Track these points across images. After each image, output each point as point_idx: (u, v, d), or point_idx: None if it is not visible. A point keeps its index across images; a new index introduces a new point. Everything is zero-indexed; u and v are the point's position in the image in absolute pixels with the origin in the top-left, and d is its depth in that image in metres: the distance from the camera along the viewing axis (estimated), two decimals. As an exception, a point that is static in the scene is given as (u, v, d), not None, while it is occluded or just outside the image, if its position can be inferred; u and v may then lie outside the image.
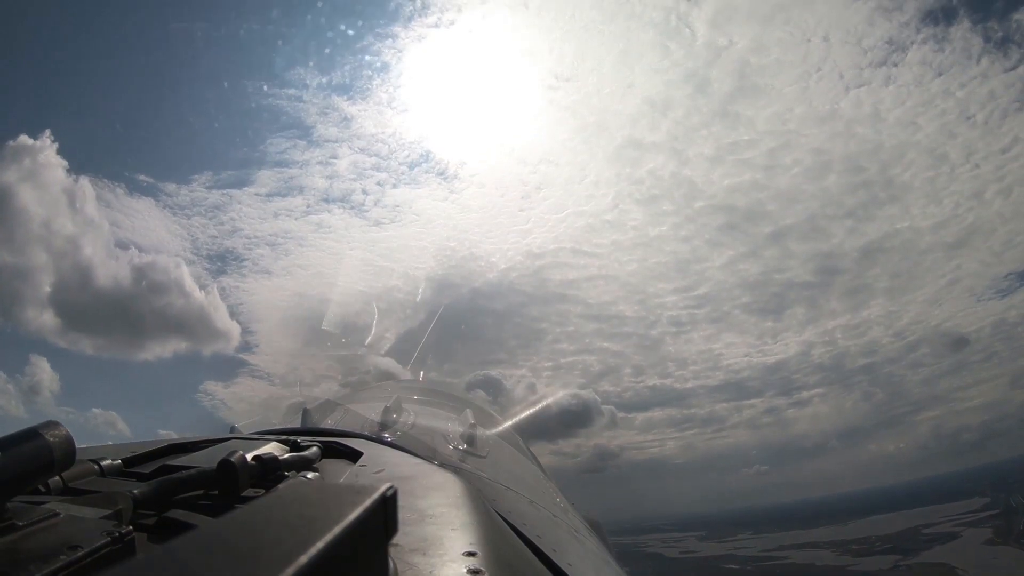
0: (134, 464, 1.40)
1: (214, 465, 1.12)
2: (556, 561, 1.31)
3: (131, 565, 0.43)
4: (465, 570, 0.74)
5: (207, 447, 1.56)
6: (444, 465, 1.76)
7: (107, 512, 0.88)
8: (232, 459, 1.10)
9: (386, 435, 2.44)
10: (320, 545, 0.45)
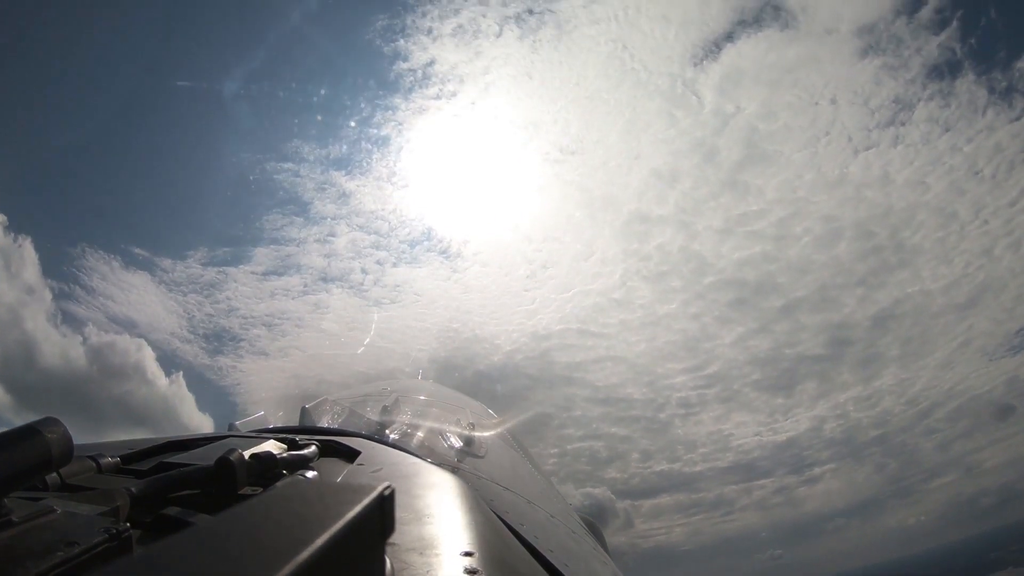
0: (132, 461, 1.39)
1: (212, 463, 1.12)
2: (553, 561, 1.31)
3: (128, 562, 0.43)
4: (462, 570, 0.74)
5: (205, 445, 1.56)
6: (442, 465, 1.76)
7: (104, 509, 0.88)
8: (230, 457, 1.10)
9: (384, 434, 2.44)
10: (317, 544, 0.45)
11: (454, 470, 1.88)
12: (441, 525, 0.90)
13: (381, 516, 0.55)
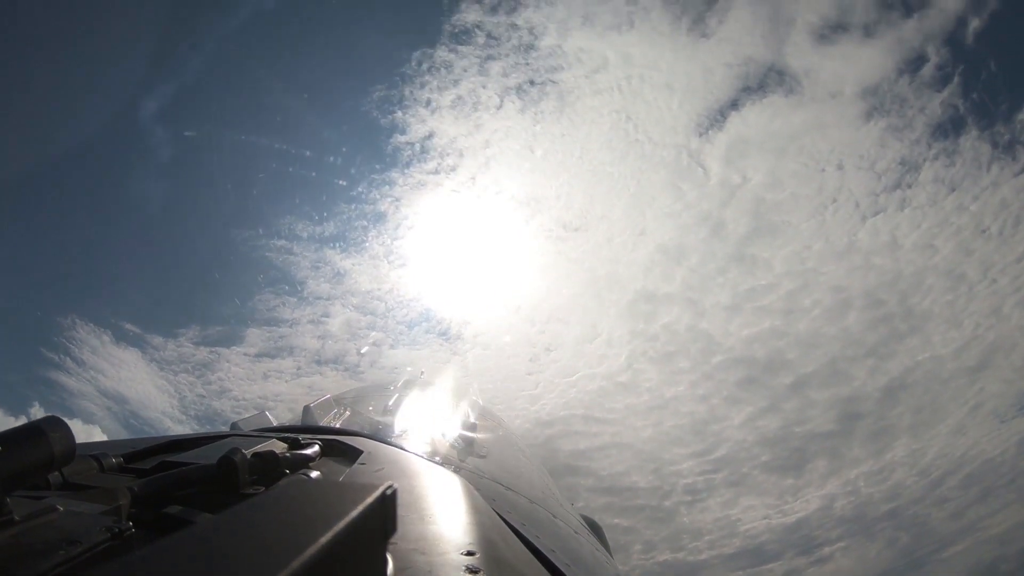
0: (134, 460, 1.40)
1: (214, 462, 1.12)
2: (554, 561, 1.31)
3: (130, 561, 0.43)
4: (464, 569, 0.73)
5: (207, 444, 1.56)
6: (444, 465, 1.76)
7: (107, 508, 0.88)
8: (232, 456, 1.10)
9: (386, 434, 2.44)
10: (319, 543, 0.44)
11: (456, 470, 1.88)
12: (443, 525, 0.90)
13: (383, 516, 0.55)
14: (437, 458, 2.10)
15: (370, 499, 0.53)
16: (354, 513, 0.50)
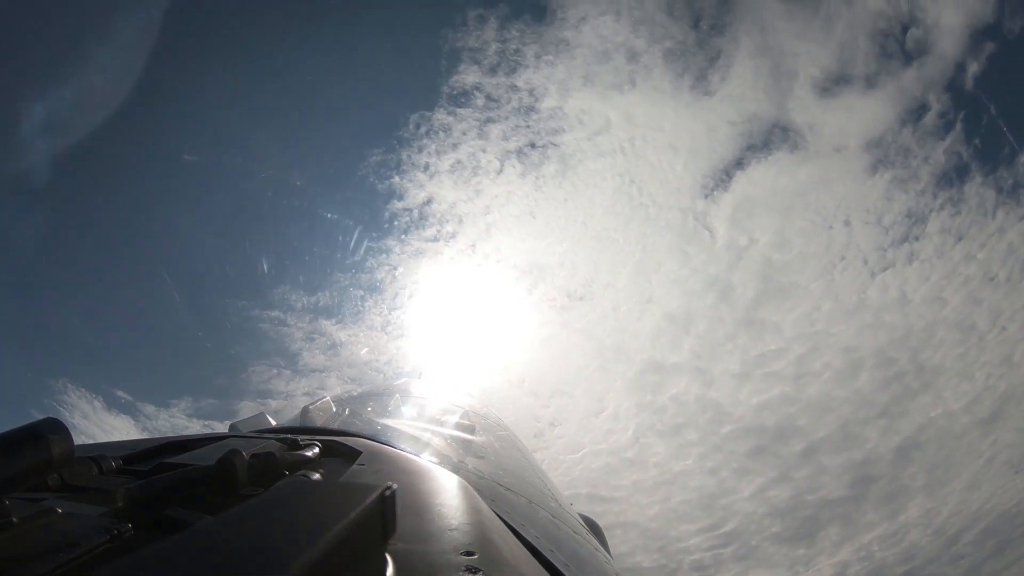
0: (133, 462, 1.39)
1: (213, 463, 1.11)
2: (554, 562, 1.31)
3: (129, 563, 0.43)
4: (463, 569, 0.73)
5: (206, 445, 1.56)
6: (443, 465, 1.76)
7: (105, 510, 0.88)
8: (231, 457, 1.10)
9: (386, 435, 2.43)
10: (318, 543, 0.45)
11: (455, 470, 1.88)
12: (442, 525, 0.90)
13: (382, 516, 0.55)
14: (436, 459, 2.10)
15: (369, 500, 0.53)
16: (353, 514, 0.50)
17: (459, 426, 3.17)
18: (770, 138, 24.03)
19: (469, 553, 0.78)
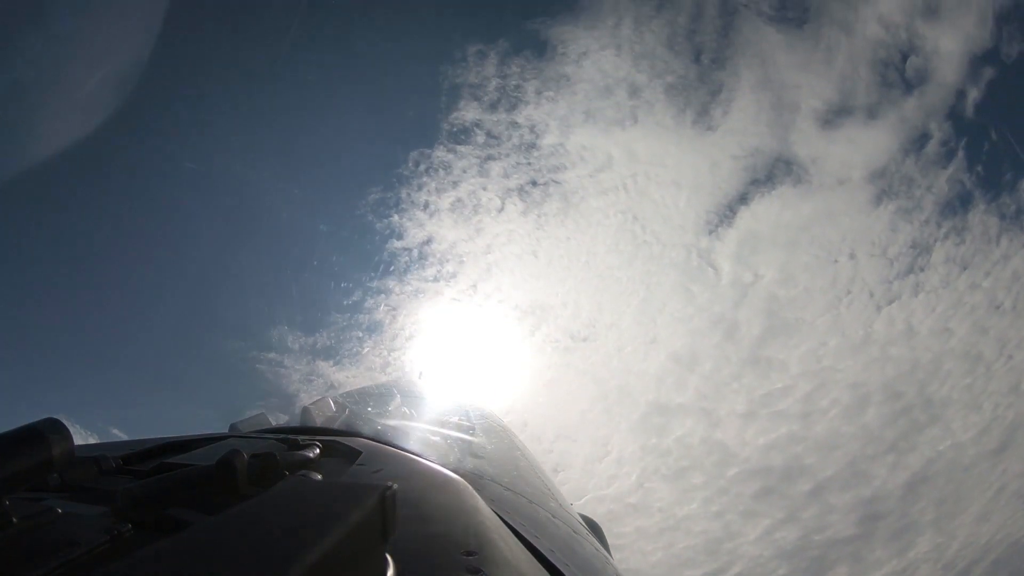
0: (133, 462, 1.39)
1: (213, 463, 1.11)
2: (554, 561, 1.31)
3: (129, 563, 0.43)
4: (464, 569, 0.73)
5: (206, 445, 1.56)
6: (443, 465, 1.76)
7: (105, 510, 0.88)
8: (231, 458, 1.10)
9: (385, 435, 2.43)
10: (318, 544, 0.45)
11: (455, 470, 1.88)
12: (443, 525, 0.90)
13: (382, 516, 0.55)
14: (436, 459, 2.10)
15: (370, 500, 0.53)
16: (354, 514, 0.50)
17: (459, 426, 3.17)
18: (773, 172, 23.32)
19: (469, 553, 0.78)
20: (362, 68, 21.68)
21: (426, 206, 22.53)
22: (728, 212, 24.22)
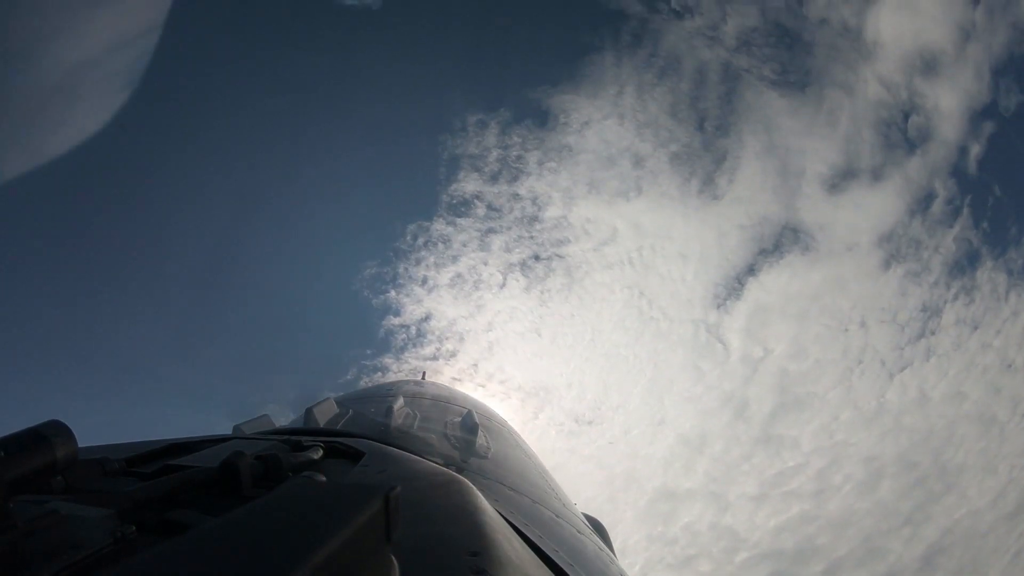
0: (136, 464, 1.40)
1: (217, 465, 1.12)
2: (558, 562, 1.30)
3: (133, 565, 0.43)
4: (468, 570, 0.73)
5: (210, 447, 1.56)
6: (446, 465, 1.75)
7: (109, 512, 0.88)
8: (235, 459, 1.10)
9: (389, 436, 2.43)
10: (322, 545, 0.44)
11: (459, 471, 1.88)
12: (447, 526, 0.90)
13: (386, 517, 0.54)
14: (439, 459, 2.10)
15: (373, 501, 0.53)
16: (358, 515, 0.50)
17: (463, 427, 3.17)
18: (781, 240, 22.65)
19: (473, 554, 0.78)
20: (359, 137, 20.84)
21: (425, 281, 21.60)
22: (736, 284, 23.37)
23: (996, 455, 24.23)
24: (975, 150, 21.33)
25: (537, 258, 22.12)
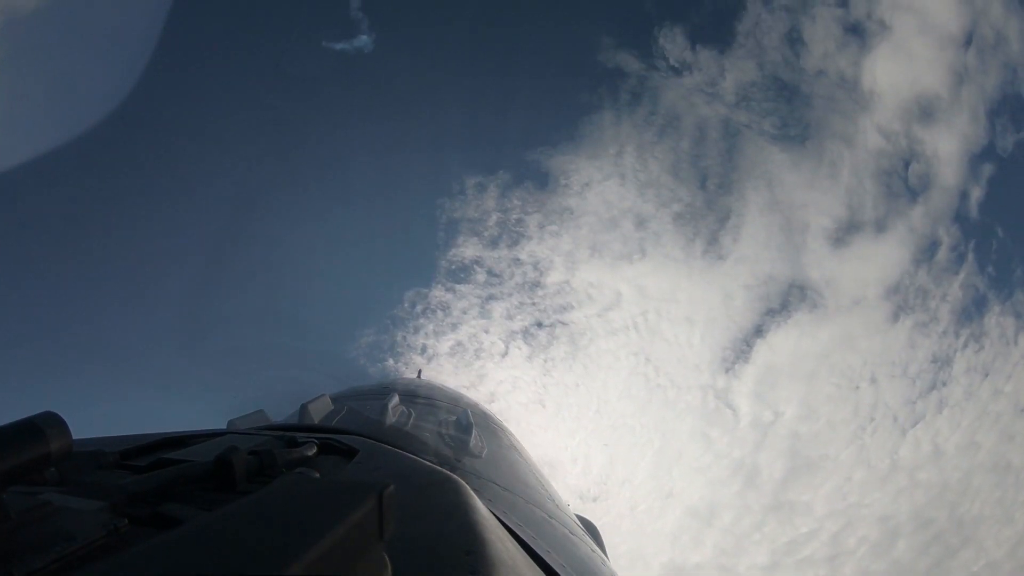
0: (131, 457, 1.39)
1: (211, 460, 1.12)
2: (550, 562, 1.31)
3: (125, 558, 0.43)
4: (461, 569, 0.73)
5: (204, 442, 1.56)
6: (440, 465, 1.75)
7: (102, 505, 0.87)
8: (229, 454, 1.10)
9: (383, 433, 2.43)
10: (314, 542, 0.45)
11: (452, 470, 1.88)
12: (439, 524, 0.90)
13: (380, 515, 0.55)
14: (433, 458, 2.10)
15: (367, 499, 0.53)
16: (351, 512, 0.50)
17: (457, 425, 3.17)
18: (788, 299, 22.09)
19: (466, 553, 0.78)
20: (353, 200, 20.10)
21: (424, 350, 20.73)
22: (744, 346, 22.79)
23: (1013, 503, 23.73)
24: (976, 193, 21.15)
25: (540, 325, 21.40)
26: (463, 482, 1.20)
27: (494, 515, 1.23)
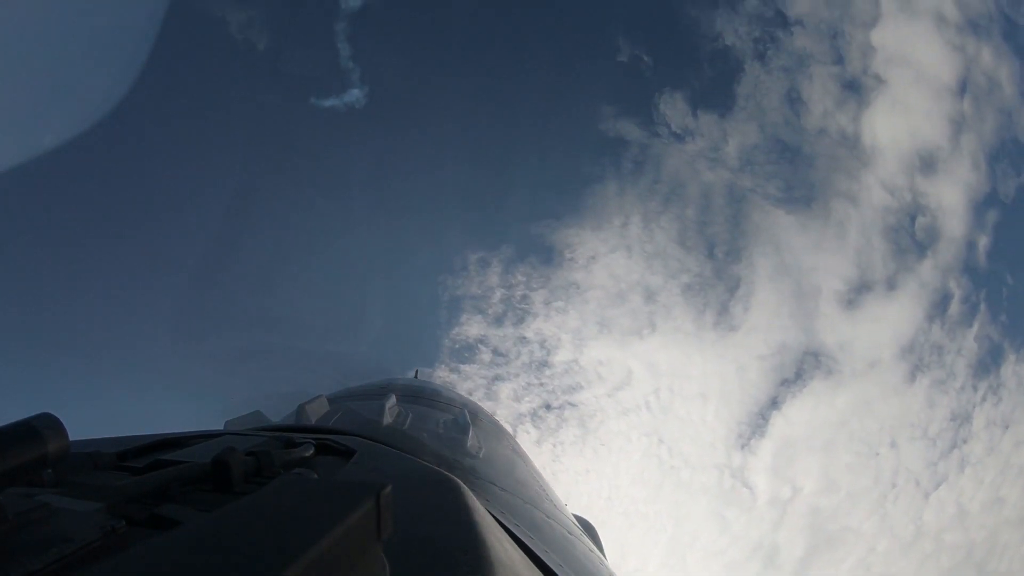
0: (128, 458, 1.39)
1: (208, 460, 1.11)
2: (548, 562, 1.31)
3: (122, 559, 0.43)
4: (458, 570, 0.74)
5: (201, 442, 1.56)
6: (438, 465, 1.76)
7: (99, 506, 0.87)
8: (226, 455, 1.10)
9: (381, 433, 2.43)
10: (312, 543, 0.45)
11: (450, 470, 1.88)
12: (437, 525, 0.90)
13: (377, 516, 0.55)
14: (431, 458, 2.10)
15: (365, 499, 0.54)
16: (349, 513, 0.51)
17: (455, 426, 3.17)
18: (802, 367, 21.23)
19: (464, 552, 0.79)
20: (352, 280, 19.37)
21: None
22: (760, 420, 21.88)
23: (1041, 556, 23.25)
24: (983, 241, 20.79)
25: (548, 407, 20.41)
26: (461, 482, 1.21)
27: (492, 515, 1.23)
